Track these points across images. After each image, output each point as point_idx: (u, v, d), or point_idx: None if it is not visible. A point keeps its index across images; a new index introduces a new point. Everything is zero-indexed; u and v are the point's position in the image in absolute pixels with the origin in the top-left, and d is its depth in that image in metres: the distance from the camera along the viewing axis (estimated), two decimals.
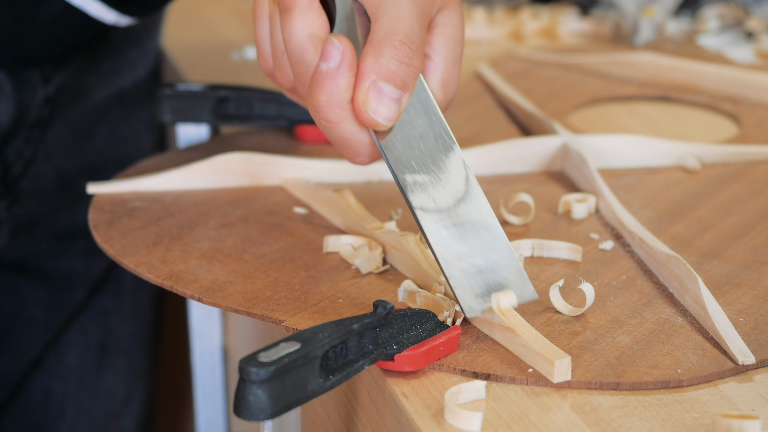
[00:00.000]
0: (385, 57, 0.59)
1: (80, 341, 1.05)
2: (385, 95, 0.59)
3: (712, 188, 0.79)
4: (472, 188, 0.60)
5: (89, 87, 0.96)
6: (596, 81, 1.02)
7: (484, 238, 0.59)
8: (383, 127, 0.60)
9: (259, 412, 0.50)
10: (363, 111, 0.59)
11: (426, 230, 0.59)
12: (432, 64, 0.63)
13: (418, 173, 0.60)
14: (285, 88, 0.67)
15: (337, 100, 0.59)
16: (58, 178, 0.95)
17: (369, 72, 0.59)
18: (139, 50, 1.00)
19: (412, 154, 0.60)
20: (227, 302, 0.62)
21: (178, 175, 0.76)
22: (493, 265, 0.59)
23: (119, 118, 1.00)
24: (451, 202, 0.59)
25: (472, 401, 0.54)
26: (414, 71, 0.60)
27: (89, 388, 1.06)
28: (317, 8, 0.62)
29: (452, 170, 0.60)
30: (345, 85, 0.59)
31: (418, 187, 0.60)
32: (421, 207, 0.59)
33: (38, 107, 0.90)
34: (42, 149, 0.92)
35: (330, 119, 0.60)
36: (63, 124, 0.94)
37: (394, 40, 0.59)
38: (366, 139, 0.61)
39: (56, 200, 0.96)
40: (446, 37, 0.63)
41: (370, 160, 0.62)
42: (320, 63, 0.59)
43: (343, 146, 0.61)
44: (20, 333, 1.03)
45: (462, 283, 0.58)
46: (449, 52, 0.63)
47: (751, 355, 0.58)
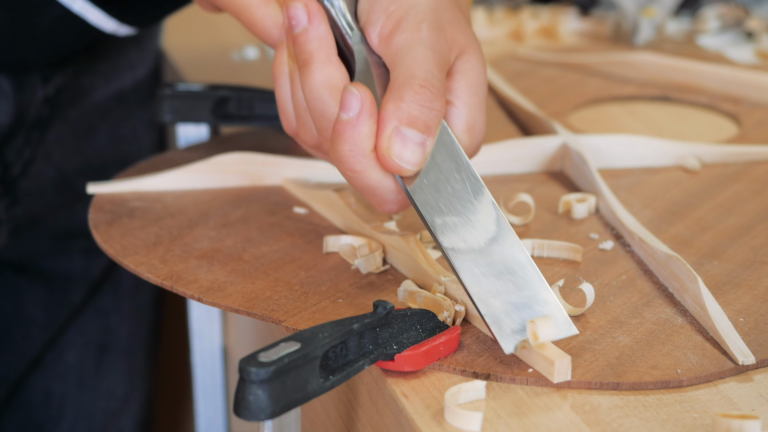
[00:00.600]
0: (406, 102, 0.58)
1: (80, 341, 1.05)
2: (409, 140, 0.58)
3: (712, 188, 0.79)
4: (503, 228, 0.59)
5: (89, 87, 0.96)
6: (596, 81, 1.02)
7: (518, 275, 0.58)
8: (409, 172, 0.59)
9: (259, 412, 0.50)
10: (387, 157, 0.58)
11: (458, 269, 0.58)
12: (456, 110, 0.62)
13: (448, 215, 0.59)
14: (309, 145, 0.66)
15: (360, 149, 0.58)
16: (57, 178, 0.95)
17: (390, 118, 0.58)
18: (139, 50, 1.00)
19: (440, 197, 0.59)
20: (227, 302, 0.62)
21: (178, 175, 0.76)
22: (528, 302, 0.58)
23: (119, 118, 1.00)
24: (482, 242, 0.58)
25: (472, 401, 0.54)
26: (436, 115, 0.59)
27: (88, 387, 1.06)
28: (336, 61, 0.62)
29: (481, 211, 0.59)
30: (367, 133, 0.58)
31: (448, 229, 0.59)
32: (452, 248, 0.58)
33: (38, 107, 0.90)
34: (42, 149, 0.92)
35: (354, 169, 0.59)
36: (63, 124, 0.94)
37: (414, 85, 0.58)
38: (392, 186, 0.60)
39: (56, 200, 0.97)
40: (468, 81, 0.62)
41: (398, 208, 0.61)
42: (340, 113, 0.58)
43: (370, 195, 0.60)
44: (19, 333, 1.03)
45: (497, 320, 0.57)
46: (472, 97, 0.62)
47: (751, 355, 0.58)
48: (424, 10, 0.62)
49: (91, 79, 0.95)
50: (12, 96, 0.87)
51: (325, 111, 0.62)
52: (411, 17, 0.61)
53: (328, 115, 0.61)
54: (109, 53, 0.97)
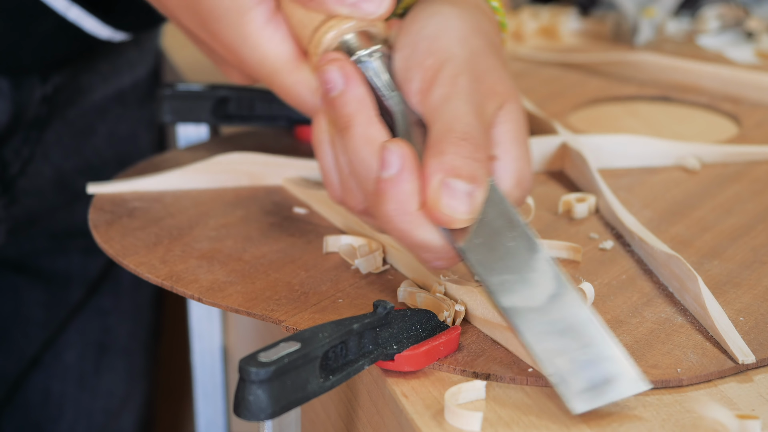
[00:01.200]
0: (448, 155, 0.56)
1: (79, 341, 1.05)
2: (458, 191, 0.56)
3: (712, 188, 0.79)
4: (563, 285, 0.57)
5: (87, 87, 0.96)
6: (596, 81, 1.02)
7: (582, 332, 0.56)
8: (461, 223, 0.56)
9: (259, 412, 0.50)
10: (437, 209, 0.56)
11: (519, 329, 0.55)
12: (502, 163, 0.60)
13: (504, 274, 0.57)
14: (357, 211, 0.63)
15: (405, 207, 0.57)
16: (56, 178, 0.95)
17: (435, 171, 0.56)
18: (138, 50, 1.00)
19: (493, 256, 0.57)
20: (227, 302, 0.62)
21: (178, 175, 0.76)
22: (594, 359, 0.55)
23: (118, 117, 1.00)
24: (542, 300, 0.56)
25: (472, 401, 0.54)
26: (480, 165, 0.57)
27: (88, 387, 1.06)
28: (376, 123, 0.60)
29: (538, 269, 0.57)
30: (410, 190, 0.56)
31: (505, 288, 0.56)
32: (512, 307, 0.56)
33: (36, 106, 0.90)
34: (40, 149, 0.92)
35: (401, 228, 0.57)
36: (61, 124, 0.94)
37: (453, 138, 0.57)
38: (440, 242, 0.58)
39: (54, 200, 0.97)
40: (511, 134, 0.60)
41: (450, 264, 0.59)
42: (381, 171, 0.57)
43: (419, 254, 0.58)
44: (18, 332, 1.03)
45: (564, 379, 0.54)
46: (518, 149, 0.60)
47: (751, 354, 0.58)
48: (461, 62, 0.60)
49: (90, 78, 0.95)
50: (10, 95, 0.87)
51: (369, 174, 0.59)
52: (447, 70, 0.59)
53: (373, 177, 0.59)
54: (107, 53, 0.97)
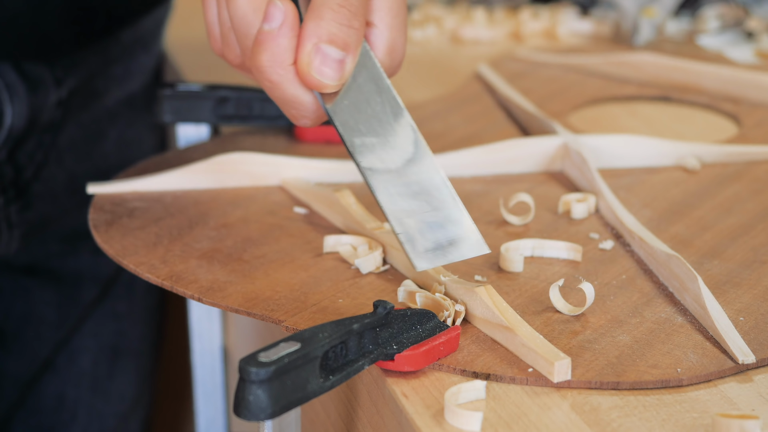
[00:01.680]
0: (325, 20, 0.59)
1: (94, 345, 1.05)
2: (329, 57, 0.59)
3: (712, 188, 0.79)
4: (422, 150, 0.61)
5: (101, 91, 0.96)
6: (596, 81, 1.02)
7: (434, 196, 0.60)
8: (329, 88, 0.60)
9: (259, 412, 0.50)
10: (307, 73, 0.59)
11: (374, 188, 0.59)
12: (377, 31, 0.63)
13: (366, 136, 0.60)
14: (234, 64, 0.67)
15: (279, 60, 0.60)
16: (68, 182, 0.95)
17: (310, 35, 0.59)
18: (147, 54, 1.00)
19: (359, 118, 0.61)
20: (227, 302, 0.62)
21: (178, 175, 0.76)
22: (442, 222, 0.59)
23: (127, 122, 1.00)
24: (399, 163, 0.60)
25: (472, 401, 0.54)
26: (355, 33, 0.60)
27: (101, 391, 1.06)
28: None
29: (400, 133, 0.61)
30: (287, 45, 0.60)
31: (366, 149, 0.60)
32: (370, 167, 0.60)
33: (51, 110, 0.90)
34: (53, 153, 0.92)
35: (273, 80, 0.60)
36: (75, 128, 0.94)
37: (332, 4, 0.60)
38: (309, 100, 0.61)
39: (67, 204, 0.96)
40: (388, 3, 0.63)
41: (313, 123, 0.63)
42: (263, 24, 0.60)
43: (287, 108, 0.62)
44: (31, 333, 1.03)
45: (411, 238, 0.58)
46: (393, 19, 0.63)
47: (751, 354, 0.58)
48: None
49: (104, 83, 0.96)
50: (26, 98, 0.87)
51: (248, 30, 0.62)
52: None
53: (251, 33, 0.62)
54: (120, 57, 0.97)
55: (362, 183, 0.78)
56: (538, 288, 0.64)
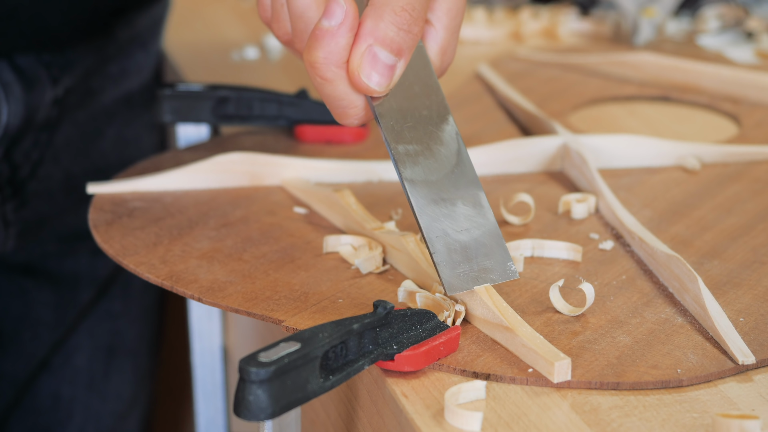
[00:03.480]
0: (385, 22, 0.59)
1: (89, 344, 1.05)
2: (381, 61, 0.59)
3: (712, 188, 0.79)
4: (464, 161, 0.60)
5: (97, 89, 0.96)
6: (596, 81, 1.02)
7: (471, 213, 0.59)
8: (375, 93, 0.60)
9: (259, 412, 0.50)
10: (356, 75, 0.59)
11: (413, 203, 0.59)
12: (433, 30, 0.63)
13: (411, 143, 0.59)
14: (282, 40, 0.66)
15: (335, 58, 0.59)
16: (65, 180, 0.95)
17: (366, 35, 0.59)
18: (145, 53, 1.00)
19: (405, 123, 0.60)
20: (227, 302, 0.62)
21: (178, 175, 0.76)
22: (477, 243, 0.59)
23: (125, 120, 1.00)
24: (440, 175, 0.59)
25: (472, 401, 0.54)
26: (412, 38, 0.59)
27: (97, 390, 1.06)
28: None
29: (445, 141, 0.60)
30: (344, 44, 0.59)
31: (409, 158, 0.59)
32: (411, 179, 0.59)
33: (47, 109, 0.90)
34: (50, 151, 0.92)
35: (325, 77, 0.60)
36: (70, 126, 0.94)
37: (396, 6, 0.59)
38: (359, 101, 0.61)
39: (63, 202, 0.96)
40: (449, 5, 0.63)
41: (359, 122, 0.62)
42: (322, 19, 0.59)
43: (334, 105, 0.61)
44: (27, 334, 1.03)
45: (445, 259, 0.58)
46: (451, 21, 0.63)
47: (751, 355, 0.58)
48: None
49: (100, 81, 0.95)
50: (21, 97, 0.87)
51: (304, 13, 0.62)
52: None
53: (306, 17, 0.62)
54: (117, 55, 0.97)
55: (362, 183, 0.78)
56: (538, 288, 0.64)
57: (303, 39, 0.63)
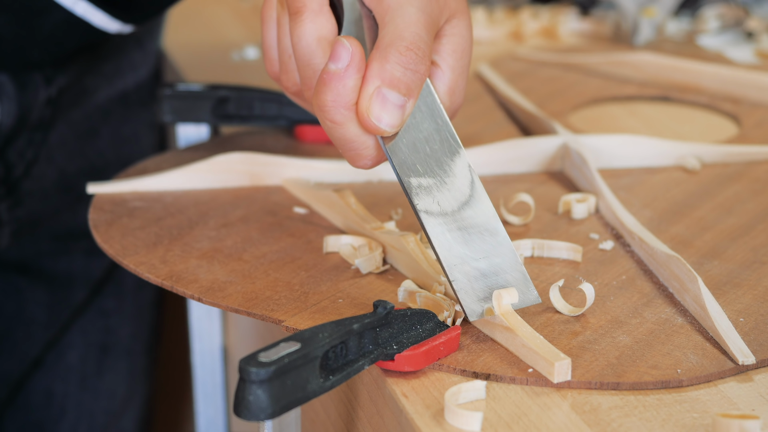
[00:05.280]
0: (391, 63, 0.59)
1: (81, 341, 1.05)
2: (389, 102, 0.59)
3: (712, 188, 0.79)
4: (477, 192, 0.60)
5: (91, 88, 0.96)
6: (596, 81, 1.02)
7: (488, 242, 0.59)
8: (386, 133, 0.59)
9: (259, 412, 0.50)
10: (366, 117, 0.59)
11: (430, 233, 0.58)
12: (440, 72, 0.63)
13: (423, 176, 0.59)
14: (291, 91, 0.67)
15: (344, 101, 0.59)
16: (60, 180, 0.95)
17: (374, 77, 0.59)
18: (141, 51, 1.00)
19: (417, 158, 0.60)
20: (227, 302, 0.62)
21: (178, 175, 0.76)
22: (496, 269, 0.59)
23: (121, 119, 1.00)
24: (455, 206, 0.59)
25: (472, 401, 0.54)
26: (419, 78, 0.59)
27: (90, 388, 1.06)
28: (327, 12, 0.62)
29: (457, 174, 0.60)
30: (352, 86, 0.59)
31: (422, 191, 0.59)
32: (426, 210, 0.59)
33: (40, 108, 0.90)
34: (44, 150, 0.92)
35: (335, 120, 0.59)
36: (65, 126, 0.94)
37: (400, 46, 0.59)
38: (370, 142, 0.61)
39: (58, 201, 0.96)
40: (454, 46, 0.63)
41: (372, 164, 0.62)
42: (329, 63, 0.59)
43: (346, 149, 0.61)
44: (21, 333, 1.03)
45: (465, 286, 0.58)
46: (457, 61, 0.63)
47: (751, 355, 0.58)
48: None
49: (93, 80, 0.95)
50: (15, 97, 0.87)
51: (311, 60, 0.62)
52: None
53: (314, 64, 0.62)
54: (111, 54, 0.97)
55: (362, 183, 0.78)
56: (538, 288, 0.64)
57: (311, 86, 0.63)
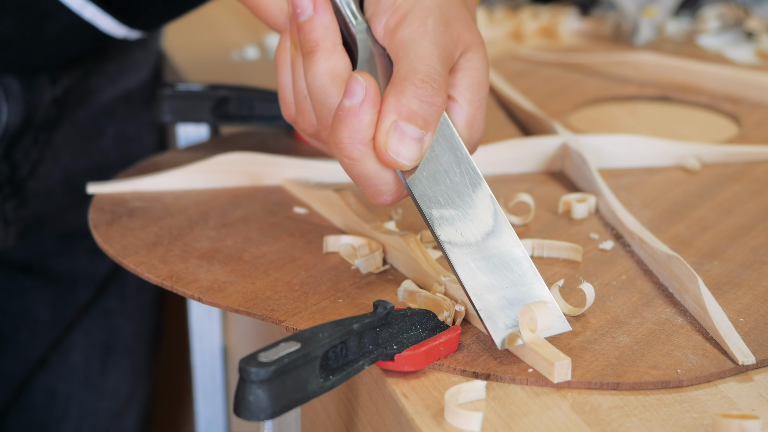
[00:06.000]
0: (407, 96, 0.58)
1: (85, 341, 1.05)
2: (407, 135, 0.58)
3: (712, 188, 0.79)
4: (501, 222, 0.59)
5: (96, 88, 0.96)
6: (596, 81, 1.02)
7: (514, 270, 0.58)
8: (406, 167, 0.58)
9: (259, 412, 0.50)
10: (384, 152, 0.58)
11: (454, 263, 0.58)
12: (457, 106, 0.62)
13: (445, 208, 0.59)
14: (308, 133, 0.66)
15: (360, 136, 0.58)
16: (65, 179, 0.95)
17: (390, 111, 0.58)
18: (144, 52, 1.00)
19: (438, 190, 0.59)
20: (227, 302, 0.62)
21: (178, 175, 0.76)
22: (523, 297, 0.58)
23: (125, 118, 1.00)
24: (479, 236, 0.58)
25: (472, 401, 0.54)
26: (436, 110, 0.59)
27: (93, 387, 1.06)
28: (340, 51, 0.62)
29: (479, 205, 0.59)
30: (368, 121, 0.58)
31: (445, 222, 0.58)
32: (449, 241, 0.58)
33: (46, 108, 0.90)
34: (49, 150, 0.92)
35: (353, 157, 0.59)
36: (70, 125, 0.94)
37: (415, 80, 0.58)
38: (389, 177, 0.60)
39: (63, 201, 0.97)
40: (470, 80, 0.62)
41: (393, 200, 0.61)
42: (344, 99, 0.58)
43: (365, 185, 0.60)
44: (25, 333, 1.04)
45: (492, 315, 0.57)
46: (474, 95, 0.62)
47: (751, 356, 0.58)
48: (431, 5, 0.62)
49: (98, 80, 0.96)
50: (21, 97, 0.87)
51: (326, 100, 0.61)
52: (417, 11, 0.61)
53: (329, 104, 0.61)
54: (115, 54, 0.97)
55: None
56: None
57: (327, 126, 0.62)
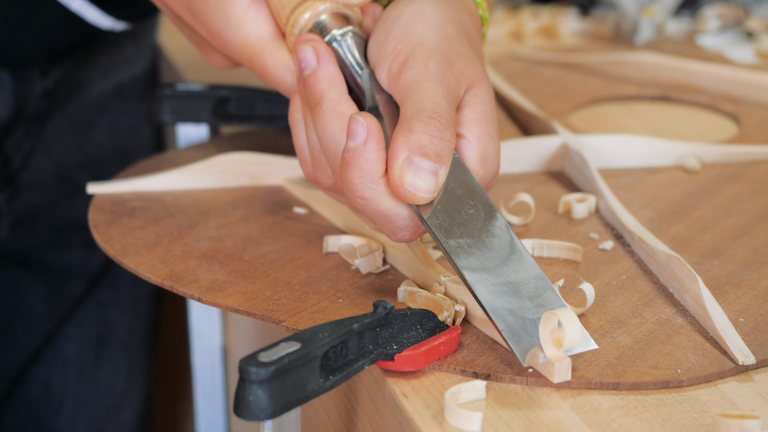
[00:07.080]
0: (416, 133, 0.58)
1: (79, 334, 1.05)
2: (422, 169, 0.58)
3: (712, 188, 0.79)
4: (518, 249, 0.59)
5: (87, 81, 0.96)
6: (596, 81, 1.02)
7: (534, 293, 0.58)
8: (424, 200, 0.58)
9: (259, 412, 0.50)
10: (401, 186, 0.58)
11: (473, 287, 0.57)
12: (467, 142, 0.62)
13: (462, 238, 0.59)
14: (326, 187, 0.66)
15: (369, 175, 0.58)
16: (57, 172, 0.96)
17: (401, 149, 0.58)
18: (136, 45, 1.01)
19: (454, 221, 0.59)
20: (227, 302, 0.62)
21: (178, 175, 0.76)
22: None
23: (118, 112, 1.00)
24: (497, 263, 0.58)
25: (472, 401, 0.54)
26: (447, 145, 0.59)
27: (88, 381, 1.06)
28: (347, 100, 0.62)
29: (496, 234, 0.59)
30: (374, 159, 0.58)
31: (462, 251, 0.58)
32: (467, 267, 0.58)
33: (37, 101, 0.90)
34: (41, 143, 0.93)
35: (364, 196, 0.59)
36: (61, 118, 0.94)
37: (423, 117, 0.59)
38: (405, 213, 0.60)
39: (56, 193, 0.97)
40: (477, 114, 0.62)
41: (411, 236, 0.61)
42: (347, 142, 0.58)
43: (383, 223, 0.60)
44: (20, 326, 1.04)
45: (515, 334, 0.56)
46: (482, 129, 0.62)
47: (751, 356, 0.58)
48: (431, 46, 0.62)
49: (89, 73, 0.96)
50: (11, 89, 0.87)
51: (338, 149, 0.62)
52: (418, 54, 0.62)
53: (340, 153, 0.61)
54: (106, 48, 0.97)
55: None
56: None
57: None
